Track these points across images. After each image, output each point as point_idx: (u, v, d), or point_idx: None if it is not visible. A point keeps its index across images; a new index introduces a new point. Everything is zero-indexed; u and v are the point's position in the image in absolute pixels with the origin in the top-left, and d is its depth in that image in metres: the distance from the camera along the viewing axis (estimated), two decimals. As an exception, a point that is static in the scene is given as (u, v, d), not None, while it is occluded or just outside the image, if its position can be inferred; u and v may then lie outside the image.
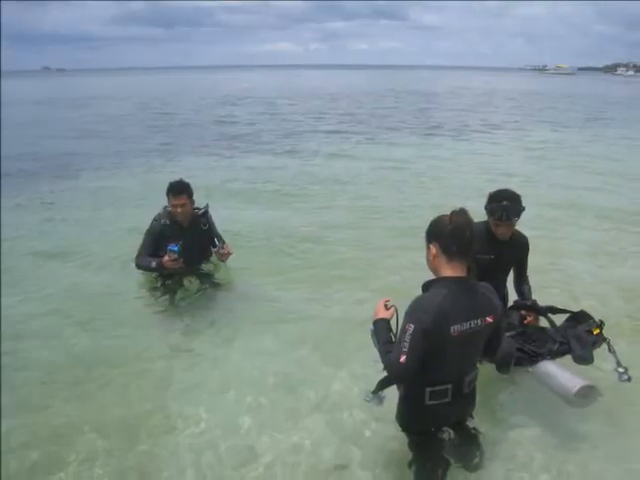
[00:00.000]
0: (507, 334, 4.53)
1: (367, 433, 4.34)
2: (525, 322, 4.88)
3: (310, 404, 4.75)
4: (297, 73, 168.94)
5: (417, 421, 3.59)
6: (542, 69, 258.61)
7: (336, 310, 6.52)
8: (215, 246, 6.70)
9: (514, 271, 5.28)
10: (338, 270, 7.72)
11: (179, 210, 6.26)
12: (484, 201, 4.83)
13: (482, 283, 3.36)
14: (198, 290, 6.71)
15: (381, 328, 3.37)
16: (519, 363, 4.49)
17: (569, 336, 4.55)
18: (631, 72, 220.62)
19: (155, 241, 6.34)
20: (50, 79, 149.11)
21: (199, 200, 6.67)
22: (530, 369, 4.51)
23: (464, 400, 3.53)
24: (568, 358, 4.48)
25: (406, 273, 7.22)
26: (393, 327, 3.39)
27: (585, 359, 4.40)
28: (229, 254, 6.55)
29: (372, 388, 3.62)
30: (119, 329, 6.11)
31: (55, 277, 7.54)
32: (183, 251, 6.05)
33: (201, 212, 6.64)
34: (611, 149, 19.94)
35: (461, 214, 3.16)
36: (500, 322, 3.43)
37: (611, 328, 4.82)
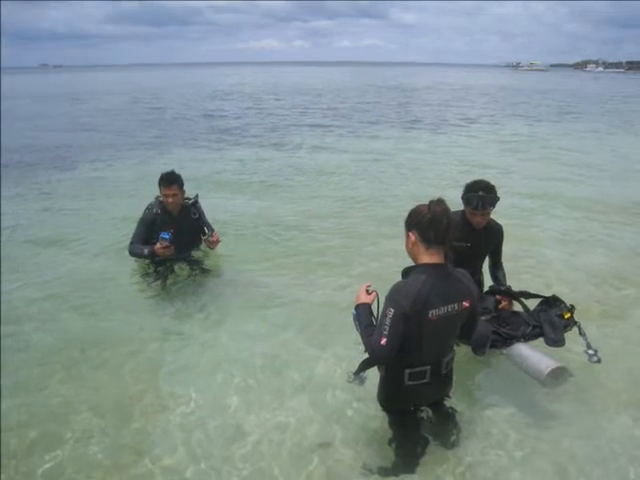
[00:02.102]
0: (483, 318, 4.54)
1: (349, 412, 4.33)
2: (500, 307, 4.89)
3: (295, 385, 4.74)
4: (283, 69, 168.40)
5: (397, 401, 3.60)
6: (516, 66, 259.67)
7: (320, 295, 6.51)
8: (205, 234, 6.68)
9: (489, 258, 5.28)
10: (322, 257, 7.72)
11: (170, 200, 6.24)
12: (461, 191, 4.82)
13: (459, 269, 3.36)
14: (188, 276, 6.69)
15: (363, 312, 3.36)
16: (494, 345, 4.50)
17: (542, 320, 4.57)
18: (600, 68, 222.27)
19: (147, 229, 6.32)
20: (48, 75, 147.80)
21: (189, 190, 6.65)
22: (504, 351, 4.52)
23: (442, 381, 3.54)
24: (541, 341, 4.50)
25: (386, 260, 7.24)
26: (374, 311, 3.39)
27: (557, 342, 4.41)
28: (218, 242, 6.53)
29: (354, 369, 3.60)
30: (113, 313, 6.08)
31: (52, 264, 7.48)
32: (174, 239, 6.05)
33: (191, 202, 6.64)
34: (581, 142, 20.00)
35: (439, 204, 3.16)
36: (476, 306, 3.43)
37: (581, 312, 4.83)
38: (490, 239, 5.09)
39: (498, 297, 4.97)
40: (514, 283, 5.23)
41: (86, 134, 21.79)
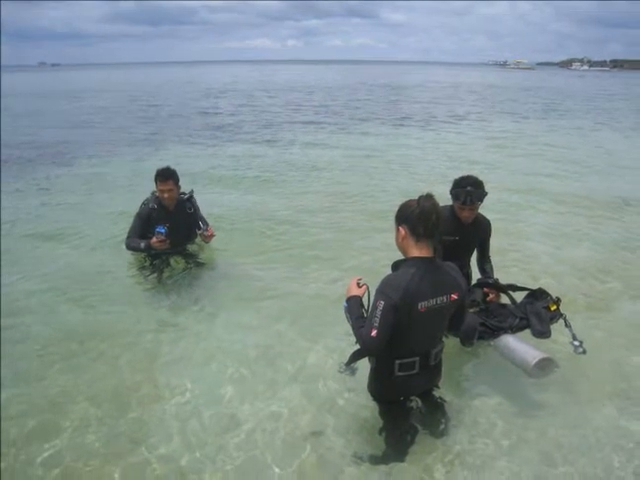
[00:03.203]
0: (471, 310, 4.54)
1: (341, 402, 4.33)
2: (487, 299, 4.89)
3: (288, 375, 4.74)
4: (276, 68, 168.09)
5: (387, 391, 3.59)
6: (503, 64, 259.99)
7: (312, 288, 6.51)
8: (200, 228, 6.65)
9: (477, 251, 5.27)
10: (314, 251, 7.71)
11: (166, 195, 6.22)
12: (449, 186, 4.81)
13: (447, 263, 3.36)
14: (184, 269, 6.68)
15: (354, 305, 3.35)
16: (482, 337, 4.51)
17: (528, 312, 4.58)
18: (585, 67, 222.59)
19: (144, 224, 6.30)
20: (46, 73, 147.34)
21: (185, 186, 6.62)
22: (492, 343, 4.53)
23: (431, 371, 3.54)
24: (527, 332, 4.52)
25: (377, 253, 7.24)
26: (365, 304, 3.38)
27: (543, 333, 4.43)
28: (212, 236, 6.52)
29: (345, 360, 3.60)
30: (110, 305, 6.06)
31: (51, 257, 7.46)
32: (170, 233, 6.04)
33: (186, 197, 6.62)
34: (566, 138, 20.04)
35: (428, 199, 3.15)
36: (464, 299, 3.42)
37: (567, 305, 4.85)
38: (478, 233, 5.08)
39: (486, 290, 4.97)
40: (501, 276, 5.22)
41: (84, 131, 21.72)
